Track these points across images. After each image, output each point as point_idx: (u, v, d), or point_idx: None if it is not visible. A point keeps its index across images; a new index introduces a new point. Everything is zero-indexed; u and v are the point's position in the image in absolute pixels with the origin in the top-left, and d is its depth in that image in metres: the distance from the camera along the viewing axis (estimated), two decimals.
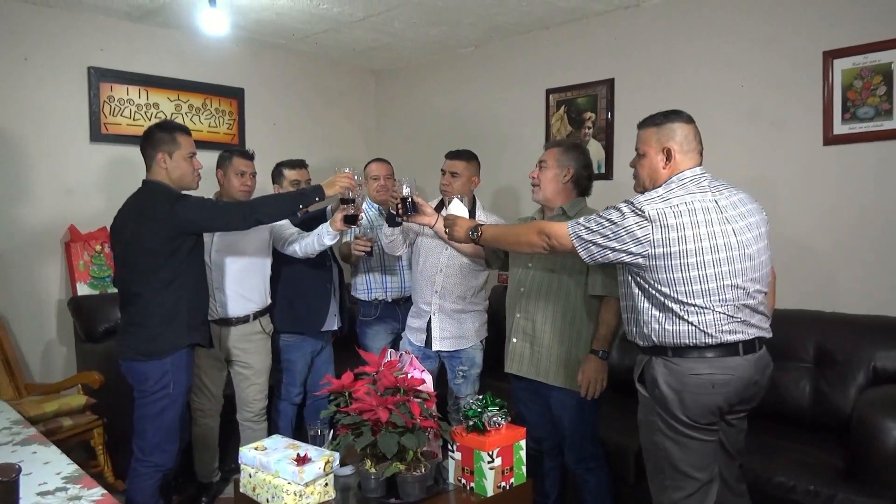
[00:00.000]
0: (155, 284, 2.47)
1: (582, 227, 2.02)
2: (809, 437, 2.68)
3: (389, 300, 3.35)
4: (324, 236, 2.88)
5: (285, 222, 3.08)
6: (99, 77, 3.84)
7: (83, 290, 3.69)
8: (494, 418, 2.17)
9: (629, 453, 2.73)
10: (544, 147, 2.65)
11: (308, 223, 3.11)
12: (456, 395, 3.06)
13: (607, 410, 2.63)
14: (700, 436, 1.95)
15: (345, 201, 2.76)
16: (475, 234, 2.40)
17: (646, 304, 2.00)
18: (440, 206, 3.10)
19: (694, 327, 1.92)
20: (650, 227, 1.91)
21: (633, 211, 1.94)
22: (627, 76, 3.75)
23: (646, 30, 3.66)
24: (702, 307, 1.91)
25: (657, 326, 1.97)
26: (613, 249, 1.96)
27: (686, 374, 1.93)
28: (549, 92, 4.11)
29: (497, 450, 2.12)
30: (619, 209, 1.97)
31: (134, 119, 3.98)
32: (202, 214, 2.54)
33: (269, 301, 3.19)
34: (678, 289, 1.92)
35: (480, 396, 2.25)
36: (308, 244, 2.95)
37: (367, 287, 3.36)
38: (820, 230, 3.10)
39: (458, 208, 2.61)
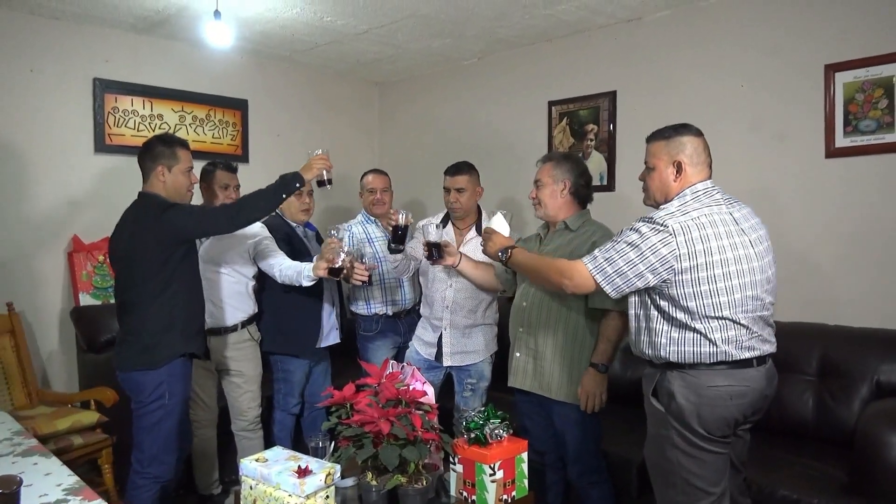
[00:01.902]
0: (149, 293, 2.50)
1: (601, 260, 1.98)
2: (813, 450, 2.67)
3: (390, 314, 3.34)
4: (303, 278, 2.85)
5: (272, 242, 3.05)
6: (104, 88, 3.86)
7: (85, 300, 3.70)
8: (496, 431, 2.16)
9: (632, 466, 2.71)
10: (536, 164, 2.65)
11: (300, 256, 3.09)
12: (462, 408, 3.05)
13: (610, 423, 2.62)
14: (714, 448, 1.95)
15: (320, 183, 2.75)
16: (504, 255, 2.35)
17: (663, 326, 1.98)
18: (446, 218, 3.10)
19: (714, 346, 1.91)
20: (674, 242, 1.90)
21: (653, 229, 1.92)
22: (630, 88, 3.76)
23: (648, 42, 3.68)
24: (729, 319, 1.91)
25: (675, 348, 1.96)
26: (639, 275, 1.93)
27: (704, 386, 1.93)
28: (551, 104, 4.12)
29: (499, 462, 2.11)
30: (636, 230, 1.94)
31: (138, 130, 4.00)
32: (191, 220, 2.55)
33: (256, 309, 3.20)
34: (705, 302, 1.91)
35: (482, 409, 2.24)
36: (288, 276, 2.91)
37: (367, 303, 3.34)
38: (822, 242, 3.09)
39: (499, 224, 2.49)
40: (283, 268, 2.93)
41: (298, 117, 4.79)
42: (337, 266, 2.73)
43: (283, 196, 2.62)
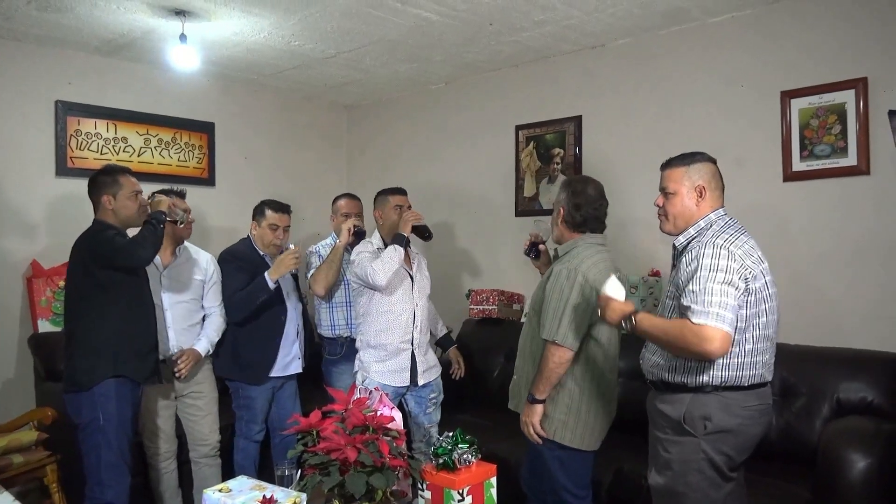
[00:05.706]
0: (79, 316, 2.60)
1: (717, 308, 1.88)
2: (777, 469, 2.68)
3: (354, 337, 3.30)
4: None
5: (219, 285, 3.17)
6: (66, 111, 3.80)
7: (44, 326, 3.59)
8: (465, 456, 2.14)
9: (601, 488, 2.72)
10: None
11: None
12: (427, 425, 3.09)
13: None
14: (735, 476, 2.03)
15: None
16: (629, 323, 2.04)
17: None
18: (401, 238, 2.95)
19: (755, 368, 1.99)
20: (743, 265, 1.95)
21: (726, 257, 1.93)
22: (595, 113, 3.82)
23: (612, 68, 3.75)
24: (769, 340, 2.01)
25: (719, 372, 1.97)
26: (738, 303, 1.92)
27: (740, 406, 1.99)
28: (518, 128, 4.17)
29: (467, 488, 2.09)
30: (718, 269, 1.91)
31: (101, 153, 3.94)
32: (103, 247, 2.59)
33: None
34: (760, 321, 1.98)
35: (451, 433, 2.23)
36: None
37: (332, 324, 3.32)
38: (779, 265, 3.13)
39: (614, 288, 2.12)
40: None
41: (266, 140, 4.77)
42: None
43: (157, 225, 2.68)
